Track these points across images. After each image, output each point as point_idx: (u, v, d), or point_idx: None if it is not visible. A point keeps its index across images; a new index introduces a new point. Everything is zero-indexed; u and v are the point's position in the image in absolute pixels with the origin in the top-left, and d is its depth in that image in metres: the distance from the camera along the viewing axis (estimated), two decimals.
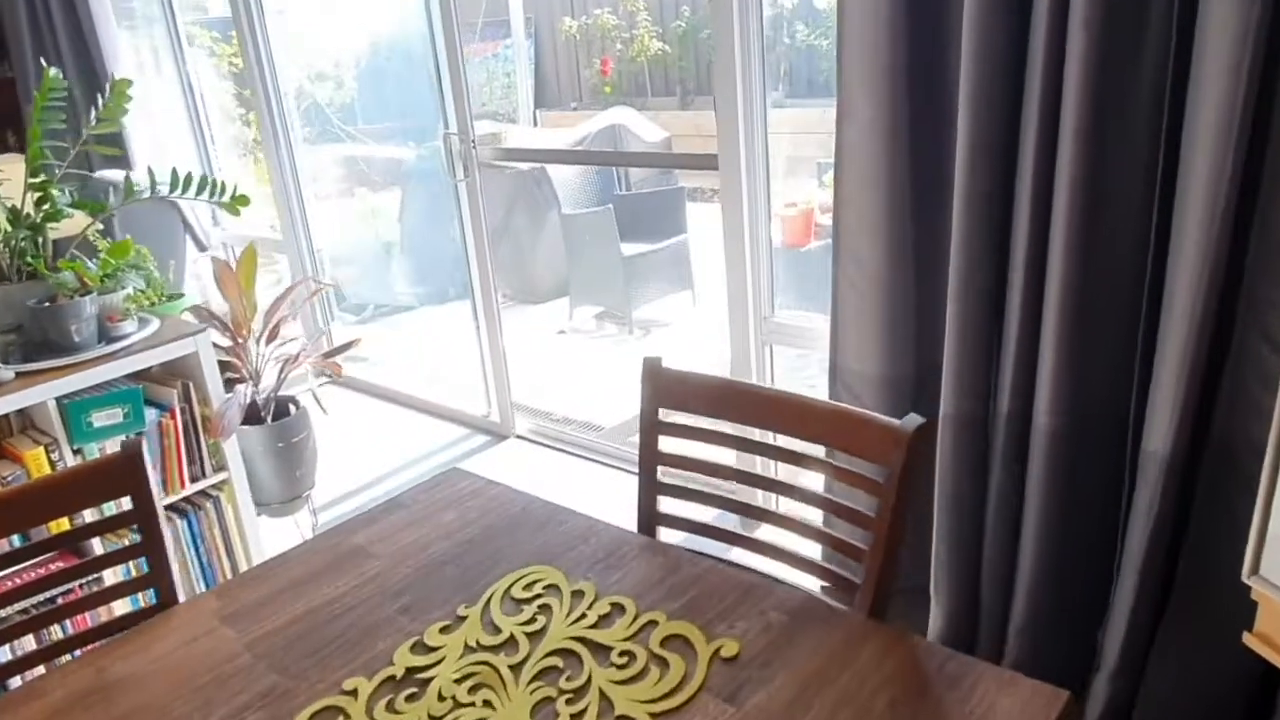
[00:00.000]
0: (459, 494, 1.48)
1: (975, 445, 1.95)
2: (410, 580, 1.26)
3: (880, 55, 1.88)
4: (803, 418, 1.28)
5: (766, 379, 2.67)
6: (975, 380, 1.90)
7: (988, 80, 1.71)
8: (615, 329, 4.71)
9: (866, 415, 1.24)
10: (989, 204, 1.78)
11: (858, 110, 1.95)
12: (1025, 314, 1.78)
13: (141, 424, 2.27)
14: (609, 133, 5.07)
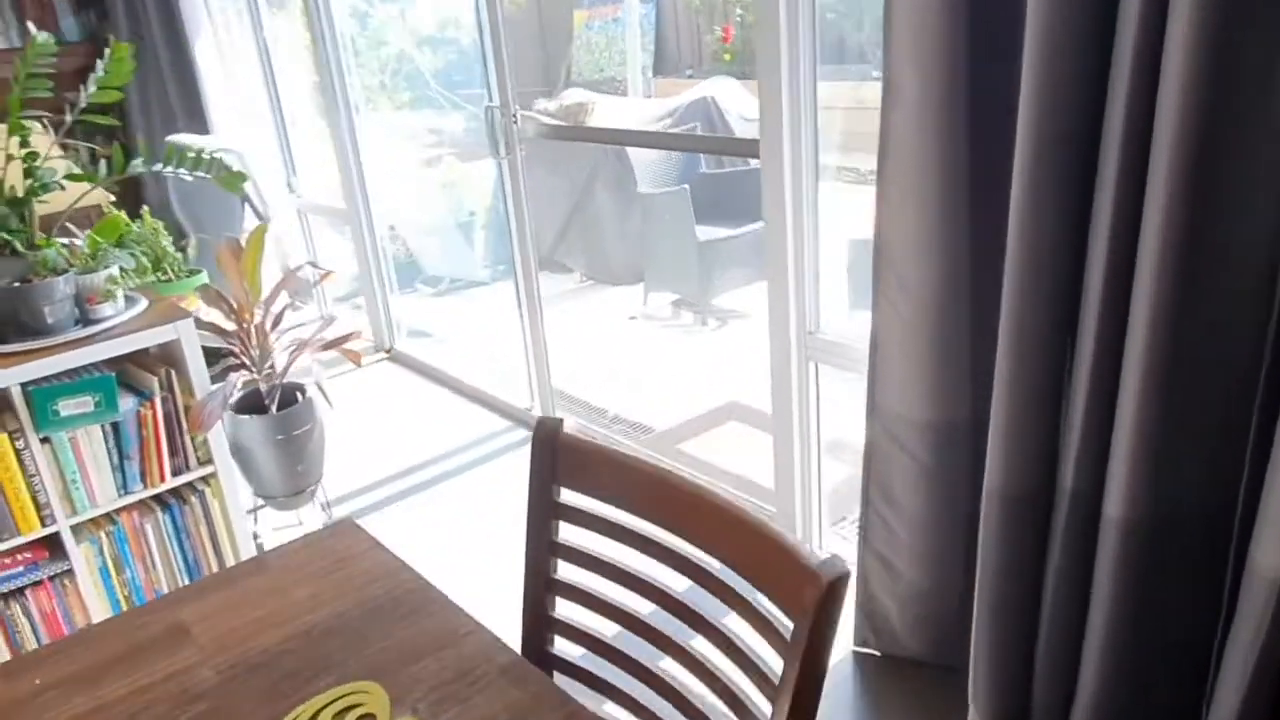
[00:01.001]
0: (333, 559, 1.23)
1: (1028, 529, 1.56)
2: (214, 684, 1.02)
3: (935, 15, 1.49)
4: (709, 525, 0.96)
5: (809, 403, 2.31)
6: (1031, 446, 1.51)
7: (1061, 49, 1.30)
8: (691, 318, 4.39)
9: (784, 542, 0.90)
10: (1057, 214, 1.38)
11: (904, 87, 1.57)
12: (1098, 367, 1.38)
13: (114, 413, 2.13)
14: (699, 106, 4.71)
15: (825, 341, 2.22)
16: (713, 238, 4.11)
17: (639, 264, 4.62)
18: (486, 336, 4.16)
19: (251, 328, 2.48)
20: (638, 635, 1.02)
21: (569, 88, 6.51)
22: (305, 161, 4.60)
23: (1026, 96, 1.34)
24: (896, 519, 1.92)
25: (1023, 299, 1.44)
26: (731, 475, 2.92)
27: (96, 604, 2.22)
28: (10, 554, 2.09)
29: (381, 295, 4.08)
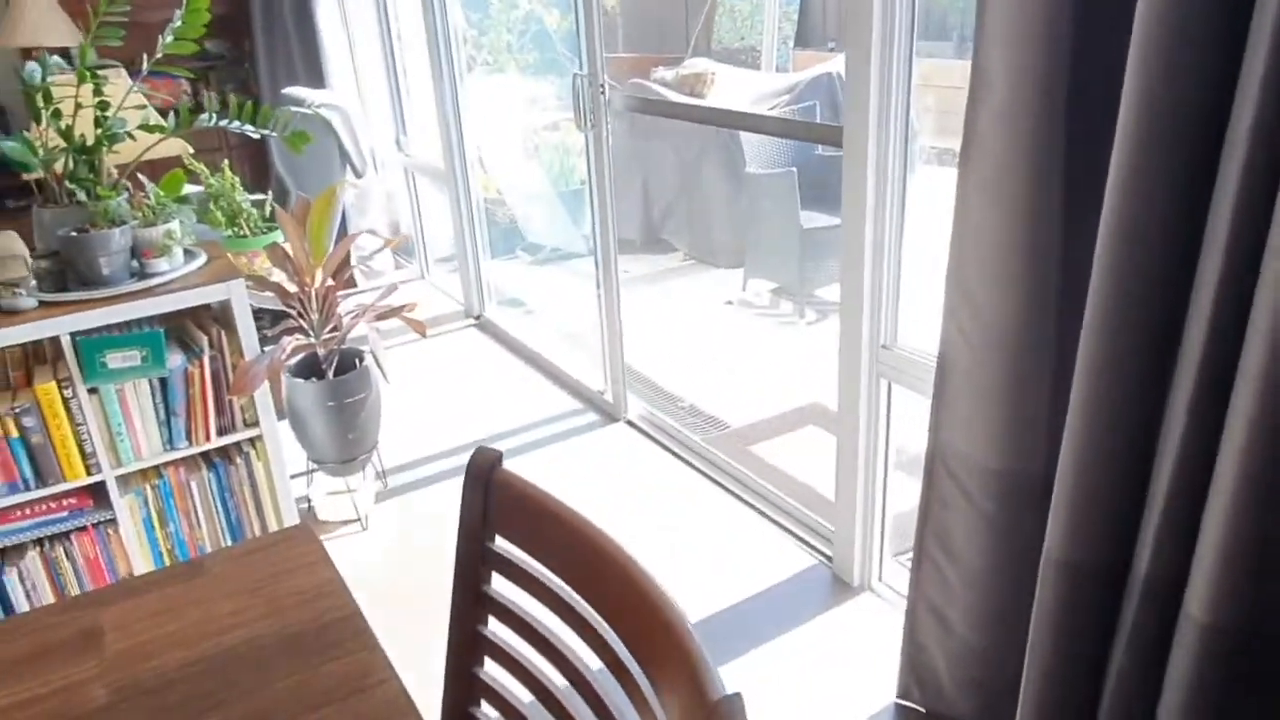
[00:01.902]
0: (272, 570, 1.13)
1: (1091, 608, 1.32)
2: (99, 705, 0.93)
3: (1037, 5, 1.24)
4: (629, 610, 0.79)
5: (877, 423, 2.09)
6: (1101, 514, 1.27)
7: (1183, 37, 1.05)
8: (789, 309, 4.16)
9: (688, 648, 0.72)
10: (1158, 242, 1.13)
11: (995, 80, 1.33)
12: (1195, 438, 1.13)
13: (161, 369, 2.12)
14: (821, 83, 4.42)
15: (901, 358, 1.98)
16: (819, 225, 3.86)
17: (742, 247, 4.41)
18: (573, 312, 4.05)
19: (311, 291, 2.44)
20: (552, 714, 0.87)
21: (697, 55, 6.29)
22: (418, 121, 4.59)
23: (1133, 95, 1.09)
24: (953, 569, 1.69)
25: (1106, 338, 1.19)
26: (797, 484, 2.72)
27: (139, 555, 2.24)
28: (56, 499, 2.12)
29: (474, 261, 4.03)
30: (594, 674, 0.84)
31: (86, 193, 2.10)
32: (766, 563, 2.37)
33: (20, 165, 2.10)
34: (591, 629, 0.81)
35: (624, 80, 6.10)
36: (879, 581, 2.25)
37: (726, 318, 4.17)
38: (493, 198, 5.25)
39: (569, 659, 0.84)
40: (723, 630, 2.16)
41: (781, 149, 4.13)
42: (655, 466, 2.86)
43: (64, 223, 2.09)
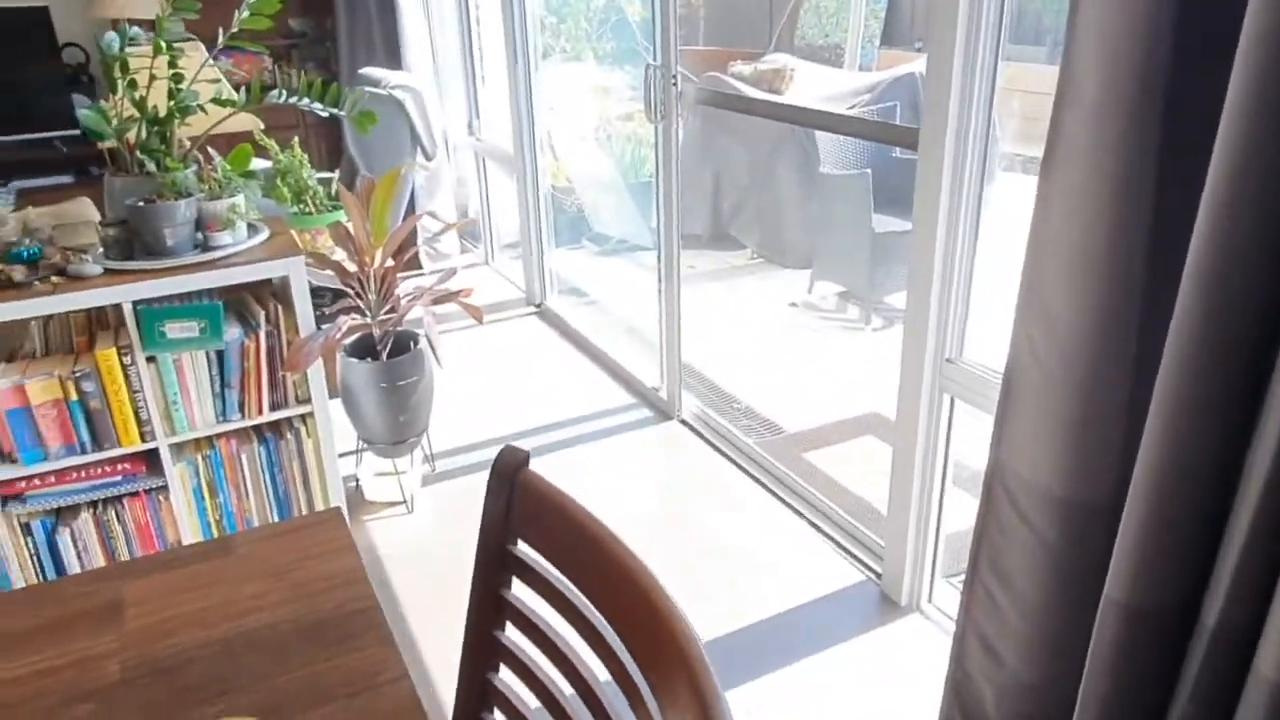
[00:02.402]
0: (299, 554, 1.11)
1: (1151, 654, 1.23)
2: (111, 682, 0.92)
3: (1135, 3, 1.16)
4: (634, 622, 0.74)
5: (936, 439, 2.00)
6: (1168, 556, 1.18)
7: None
8: (855, 314, 4.05)
9: (698, 676, 0.67)
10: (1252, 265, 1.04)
11: (1085, 83, 1.24)
12: (1277, 484, 1.04)
13: (218, 341, 2.14)
14: (904, 83, 4.29)
15: (966, 373, 1.90)
16: (891, 229, 3.75)
17: (811, 248, 4.31)
18: (634, 305, 4.01)
19: (371, 271, 2.44)
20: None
21: (779, 51, 6.18)
22: (492, 106, 4.59)
23: (1238, 101, 1.00)
24: (1007, 598, 1.60)
25: (1190, 365, 1.10)
26: (850, 496, 2.64)
27: (188, 523, 2.27)
28: (111, 463, 2.16)
29: (538, 248, 4.01)
30: (602, 688, 0.80)
31: (156, 164, 2.13)
32: (813, 574, 2.31)
33: (95, 134, 2.13)
34: (604, 642, 0.77)
35: (701, 73, 6.03)
36: (928, 603, 2.17)
37: (790, 319, 4.09)
38: (562, 186, 5.24)
39: (579, 670, 0.80)
40: (762, 640, 2.10)
41: (857, 150, 4.03)
42: (706, 467, 2.81)
43: (133, 192, 2.12)
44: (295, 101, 2.24)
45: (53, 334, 2.13)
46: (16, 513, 2.09)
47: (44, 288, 1.98)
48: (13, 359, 2.11)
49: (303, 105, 2.25)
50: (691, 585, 2.29)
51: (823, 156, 4.05)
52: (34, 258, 2.03)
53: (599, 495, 2.67)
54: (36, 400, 2.03)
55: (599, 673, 0.81)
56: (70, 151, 4.91)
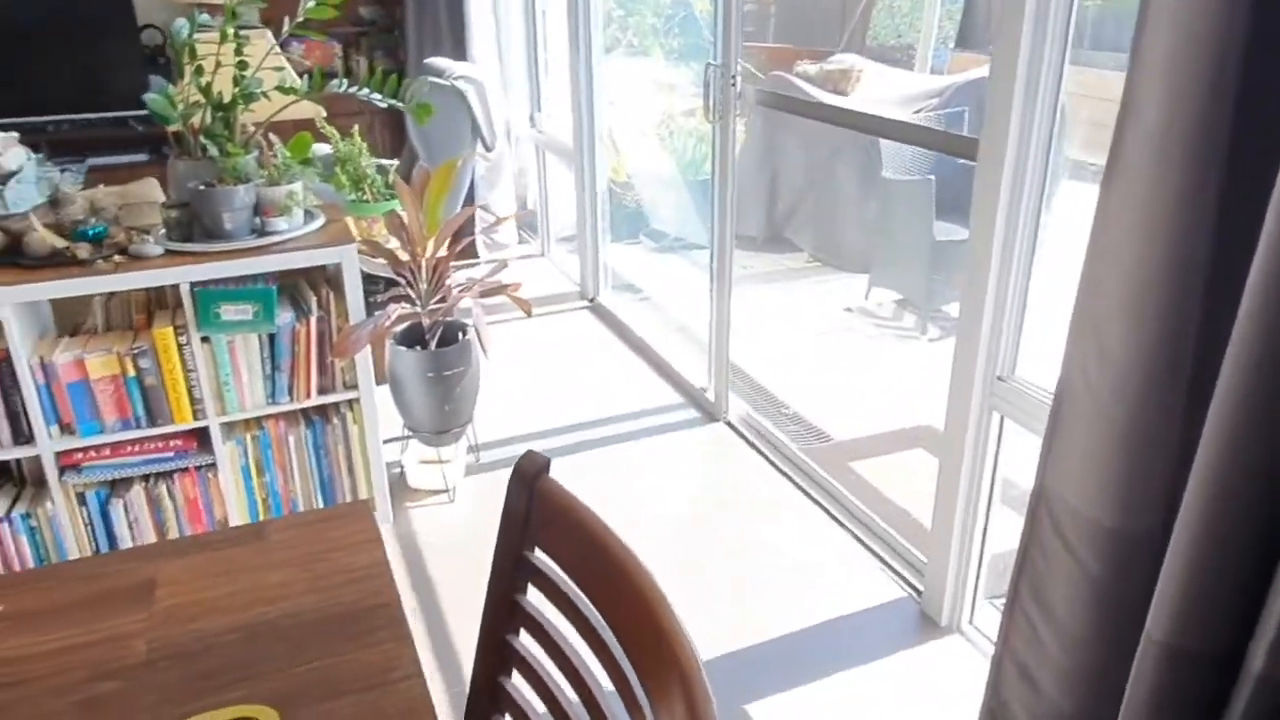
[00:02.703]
0: (326, 544, 1.12)
1: (1193, 701, 1.18)
2: (137, 662, 0.94)
3: (1205, 20, 1.10)
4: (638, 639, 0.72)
5: (983, 458, 1.95)
6: (1213, 597, 1.12)
7: None
8: (911, 323, 3.98)
9: (696, 700, 0.65)
10: None
11: (1147, 103, 1.19)
12: None
13: (270, 325, 2.18)
14: (974, 88, 4.19)
15: (1017, 392, 1.84)
16: (953, 238, 3.66)
17: (869, 253, 4.24)
18: (686, 304, 3.99)
19: (422, 261, 2.46)
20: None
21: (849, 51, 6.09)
22: (554, 99, 4.61)
23: None
24: (1047, 627, 1.55)
25: (1245, 398, 1.05)
26: (895, 509, 2.59)
27: (235, 500, 2.32)
28: (164, 439, 2.21)
29: (593, 243, 4.02)
30: (606, 700, 0.79)
31: (219, 148, 2.17)
32: (852, 588, 2.27)
33: (161, 118, 2.18)
34: (609, 654, 0.76)
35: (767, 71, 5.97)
36: (969, 624, 2.11)
37: (845, 325, 4.03)
38: (622, 181, 5.24)
39: (586, 681, 0.79)
40: (796, 651, 2.07)
41: (921, 155, 3.95)
42: (749, 471, 2.78)
43: (195, 176, 2.16)
44: (355, 91, 2.27)
45: (114, 311, 2.19)
46: (73, 483, 2.16)
47: (106, 266, 2.03)
48: (75, 333, 2.18)
49: (362, 95, 2.28)
50: (727, 591, 2.27)
51: (885, 161, 3.98)
52: (99, 236, 2.09)
53: (639, 494, 2.67)
54: (95, 375, 2.09)
55: (605, 683, 0.80)
56: (145, 131, 5.05)
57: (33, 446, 2.09)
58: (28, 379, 2.03)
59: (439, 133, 3.71)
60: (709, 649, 2.07)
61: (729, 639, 2.10)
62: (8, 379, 2.03)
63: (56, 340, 2.12)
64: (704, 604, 2.22)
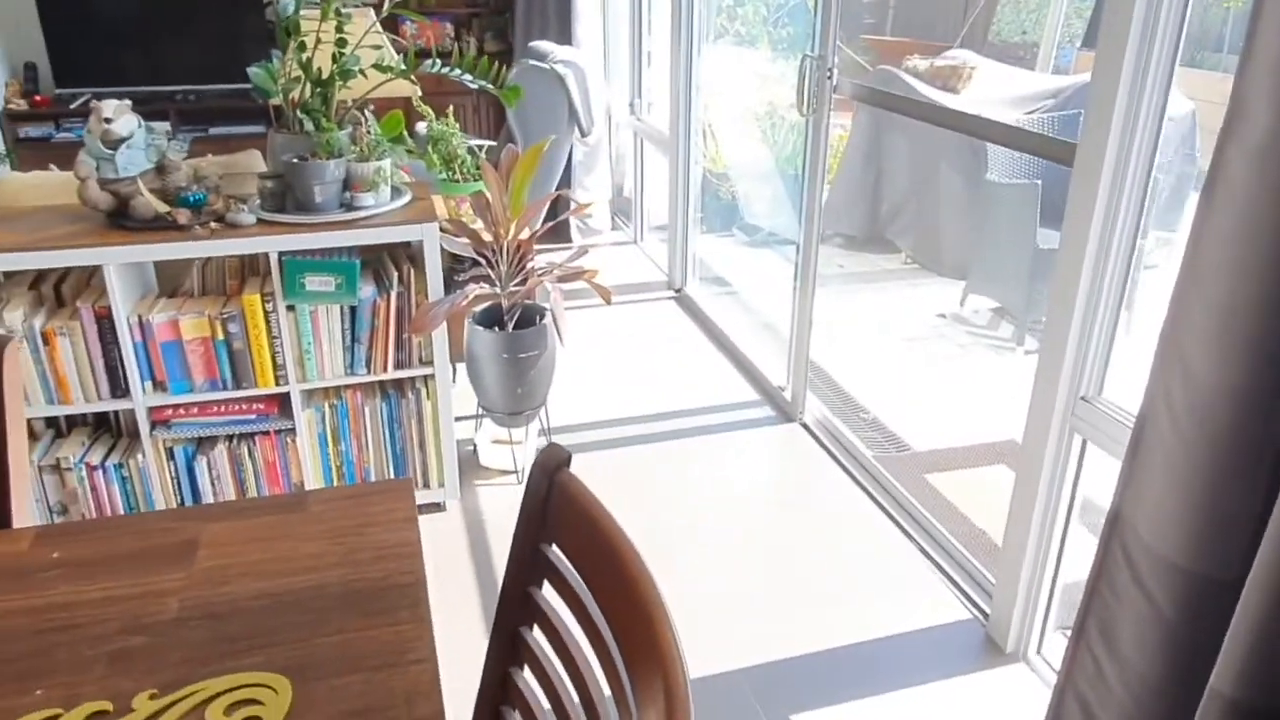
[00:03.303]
0: (363, 519, 1.14)
1: None
2: (168, 619, 0.97)
3: None
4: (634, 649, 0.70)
5: (1061, 482, 1.85)
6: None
7: None
8: (1007, 332, 3.81)
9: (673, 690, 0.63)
10: None
11: (1255, 114, 1.10)
12: None
13: (352, 297, 2.24)
14: None
15: (1101, 415, 1.74)
16: (1056, 247, 3.49)
17: (968, 258, 4.09)
18: (772, 301, 3.93)
19: (505, 243, 2.49)
20: None
21: (966, 47, 5.88)
22: (656, 86, 4.59)
23: None
24: (1112, 665, 1.47)
25: None
26: (970, 527, 2.49)
27: (311, 466, 2.40)
28: (247, 402, 2.30)
29: (684, 233, 3.99)
30: (605, 704, 0.77)
31: (315, 123, 2.23)
32: (917, 605, 2.19)
33: (262, 91, 2.26)
34: (609, 658, 0.74)
35: (877, 65, 5.81)
36: (1035, 654, 2.02)
37: (937, 331, 3.89)
38: (719, 172, 5.19)
39: (586, 681, 0.78)
40: (852, 663, 2.02)
41: (1030, 159, 3.77)
42: (820, 475, 2.72)
43: (291, 149, 2.23)
44: (447, 72, 2.30)
45: (209, 275, 2.29)
46: (163, 438, 2.26)
47: (203, 232, 2.12)
48: (174, 295, 2.28)
49: (453, 75, 2.31)
50: (789, 595, 2.22)
51: (991, 163, 3.82)
52: (199, 203, 2.18)
53: (706, 490, 2.64)
54: (188, 336, 2.18)
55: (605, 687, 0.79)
56: (264, 104, 5.26)
57: (128, 400, 2.20)
58: (126, 336, 2.13)
59: (536, 116, 3.74)
60: (757, 653, 2.04)
61: (781, 644, 2.06)
62: (109, 335, 2.14)
63: (155, 301, 2.22)
64: (760, 606, 2.19)
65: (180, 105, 5.15)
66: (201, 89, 5.20)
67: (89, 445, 2.28)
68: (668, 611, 0.70)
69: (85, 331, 2.12)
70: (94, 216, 2.19)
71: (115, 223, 2.15)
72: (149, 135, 2.21)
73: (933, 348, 3.75)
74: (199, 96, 5.20)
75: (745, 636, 2.09)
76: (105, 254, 2.06)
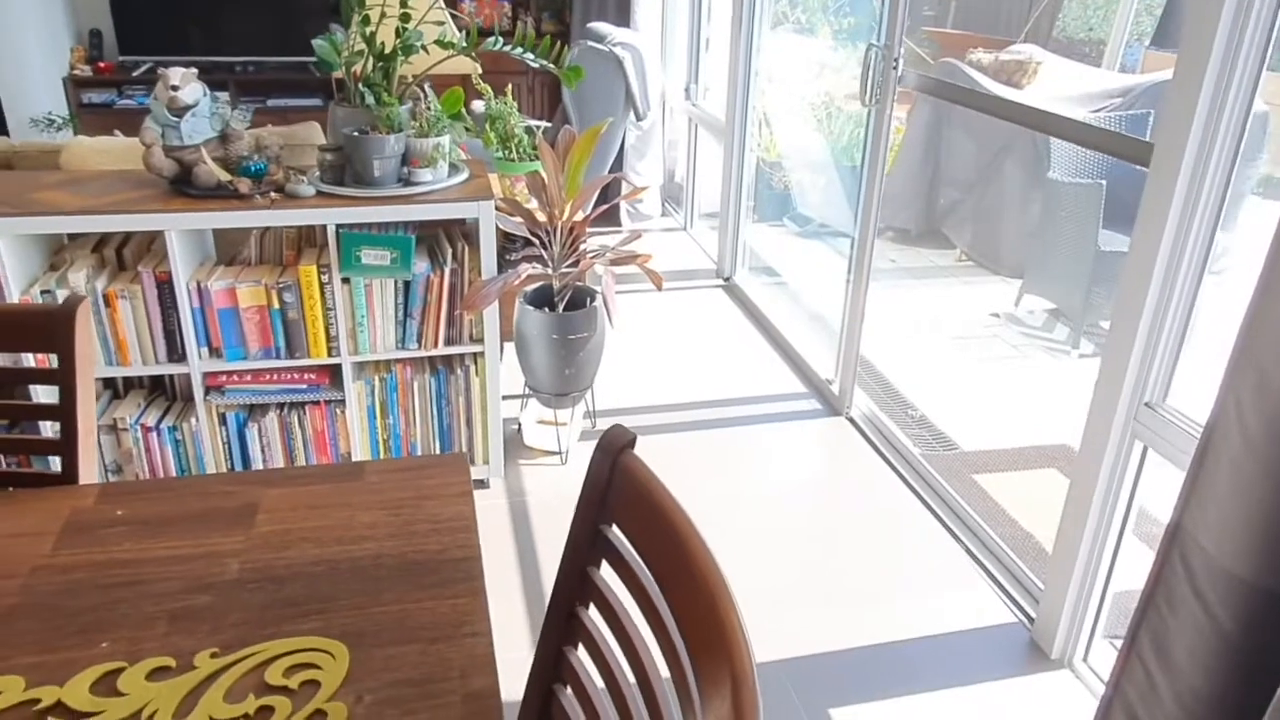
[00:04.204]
0: (419, 491, 1.14)
1: None
2: (229, 580, 0.98)
3: None
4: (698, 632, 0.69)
5: (1119, 490, 1.81)
6: None
7: None
8: (1063, 335, 3.74)
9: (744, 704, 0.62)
10: None
11: None
12: None
13: (406, 272, 2.25)
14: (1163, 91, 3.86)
15: (1165, 422, 1.70)
16: (1118, 249, 3.41)
17: (1025, 257, 4.01)
18: (822, 293, 3.88)
19: (558, 224, 2.48)
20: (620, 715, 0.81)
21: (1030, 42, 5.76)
22: (712, 72, 4.55)
23: None
24: (1165, 679, 1.43)
25: None
26: (1017, 530, 2.45)
27: (359, 438, 2.42)
28: (299, 371, 2.33)
29: (734, 221, 3.96)
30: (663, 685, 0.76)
31: (376, 97, 2.24)
32: (960, 605, 2.16)
33: (326, 64, 2.27)
34: (669, 639, 0.74)
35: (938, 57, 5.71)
36: (1081, 661, 1.98)
37: (990, 331, 3.83)
38: (772, 160, 5.14)
39: (644, 664, 0.77)
40: (892, 661, 2.00)
41: (1093, 158, 3.68)
42: (866, 470, 2.69)
43: (352, 122, 2.25)
44: (509, 50, 2.30)
45: (267, 245, 2.31)
46: (216, 403, 2.30)
47: (263, 202, 2.14)
48: (232, 263, 2.31)
49: (515, 54, 2.31)
50: (830, 588, 2.21)
51: (1054, 161, 3.74)
52: (260, 173, 2.20)
53: (749, 480, 2.63)
54: (245, 304, 2.21)
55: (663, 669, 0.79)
56: (322, 77, 5.31)
57: (184, 365, 2.23)
58: (185, 301, 2.17)
59: (592, 98, 3.73)
60: (797, 645, 2.03)
61: (821, 638, 2.05)
62: (168, 299, 2.17)
63: (214, 268, 2.25)
64: (801, 598, 2.17)
65: (239, 76, 5.22)
66: (261, 60, 5.27)
67: (144, 407, 2.32)
68: (735, 601, 0.69)
69: (146, 295, 2.16)
70: (157, 183, 2.22)
71: (178, 189, 2.18)
72: (213, 104, 2.24)
73: (984, 347, 3.69)
74: (258, 68, 5.27)
75: (786, 628, 2.08)
76: (168, 220, 2.09)
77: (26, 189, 2.16)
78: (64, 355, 1.16)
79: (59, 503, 1.10)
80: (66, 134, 4.78)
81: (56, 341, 1.16)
